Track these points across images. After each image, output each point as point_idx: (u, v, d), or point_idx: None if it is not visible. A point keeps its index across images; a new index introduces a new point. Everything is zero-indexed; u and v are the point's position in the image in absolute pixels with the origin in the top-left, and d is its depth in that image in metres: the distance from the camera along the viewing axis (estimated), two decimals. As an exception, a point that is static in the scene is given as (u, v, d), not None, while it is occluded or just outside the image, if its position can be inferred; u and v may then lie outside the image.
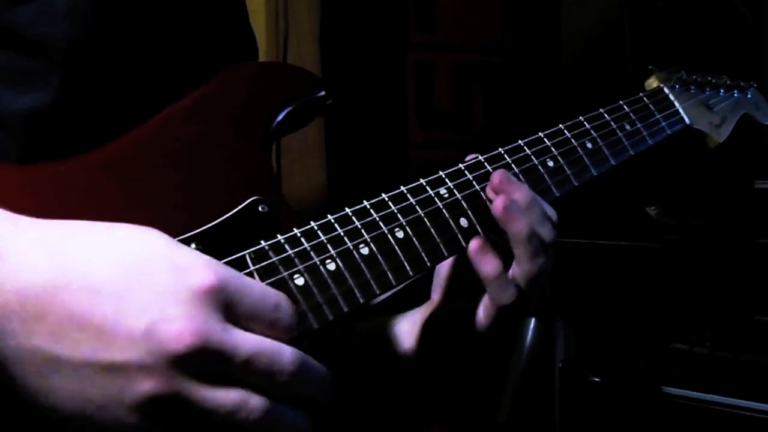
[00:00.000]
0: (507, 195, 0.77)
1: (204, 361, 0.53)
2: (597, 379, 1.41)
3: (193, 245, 0.67)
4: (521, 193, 0.77)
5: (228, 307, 0.56)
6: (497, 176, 0.78)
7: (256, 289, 0.58)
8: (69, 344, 0.52)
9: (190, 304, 0.54)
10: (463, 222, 0.78)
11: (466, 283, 0.79)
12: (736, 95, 1.14)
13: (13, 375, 0.53)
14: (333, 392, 0.61)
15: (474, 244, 0.76)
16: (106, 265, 0.54)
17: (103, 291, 0.53)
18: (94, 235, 0.57)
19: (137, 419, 0.53)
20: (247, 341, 0.55)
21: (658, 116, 0.99)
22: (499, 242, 0.77)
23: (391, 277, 0.72)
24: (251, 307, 0.57)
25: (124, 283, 0.54)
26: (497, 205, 0.76)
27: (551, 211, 0.80)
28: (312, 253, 0.69)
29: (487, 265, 0.76)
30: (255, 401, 0.55)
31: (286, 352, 0.56)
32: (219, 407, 0.54)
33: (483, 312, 0.78)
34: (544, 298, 0.81)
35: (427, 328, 0.85)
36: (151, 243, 0.57)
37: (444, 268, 0.83)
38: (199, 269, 0.55)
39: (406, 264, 0.73)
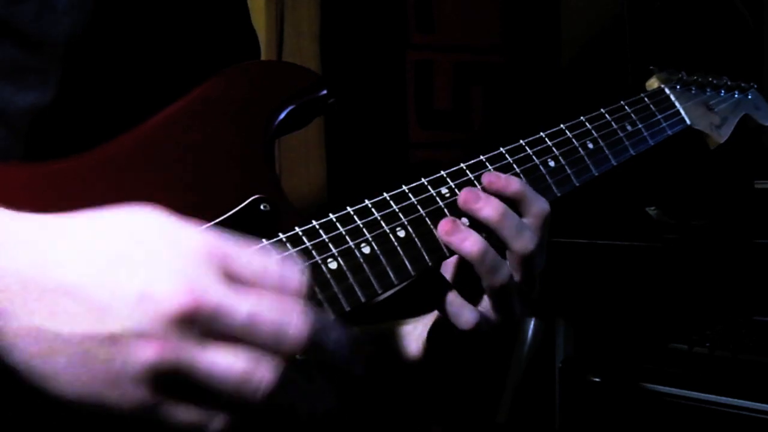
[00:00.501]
0: (474, 213, 0.76)
1: (203, 321, 0.51)
2: (597, 379, 1.41)
3: None
4: (489, 209, 0.76)
5: (226, 267, 0.54)
6: (462, 196, 0.77)
7: (252, 248, 0.56)
8: (67, 320, 0.51)
9: (184, 265, 0.52)
10: (465, 221, 0.78)
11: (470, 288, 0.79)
12: (736, 96, 1.14)
13: (17, 360, 0.52)
14: (363, 359, 0.57)
15: None
16: (100, 238, 0.54)
17: (97, 263, 0.52)
18: (92, 216, 0.56)
19: (145, 392, 0.51)
20: (247, 299, 0.53)
21: (659, 116, 0.99)
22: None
23: (392, 275, 0.73)
24: (251, 266, 0.54)
25: (118, 252, 0.53)
26: (439, 229, 0.75)
27: (538, 209, 0.78)
28: (313, 252, 0.69)
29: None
30: (266, 367, 0.52)
31: (293, 311, 0.53)
32: (227, 372, 0.51)
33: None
34: (536, 298, 0.80)
35: (433, 333, 0.85)
36: (144, 216, 0.55)
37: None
38: (192, 233, 0.54)
39: (407, 263, 0.74)
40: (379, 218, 0.74)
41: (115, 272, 0.52)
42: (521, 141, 0.85)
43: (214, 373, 0.51)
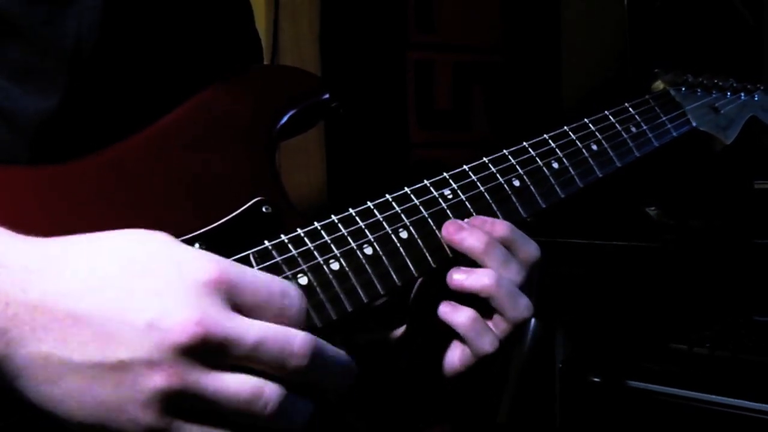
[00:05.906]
0: (456, 244, 0.75)
1: (211, 351, 0.53)
2: (597, 379, 1.41)
3: (197, 245, 0.67)
4: (474, 238, 0.75)
5: (232, 297, 0.55)
6: (444, 229, 0.76)
7: (260, 278, 0.57)
8: (76, 347, 0.52)
9: (193, 296, 0.53)
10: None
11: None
12: (743, 98, 1.13)
13: (26, 385, 0.53)
14: (353, 383, 0.59)
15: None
16: (108, 267, 0.54)
17: (106, 291, 0.53)
18: (96, 241, 0.56)
19: (154, 416, 0.52)
20: (253, 327, 0.54)
21: (664, 118, 0.99)
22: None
23: (394, 276, 0.73)
24: (256, 295, 0.56)
25: (126, 282, 0.54)
26: (449, 277, 0.75)
27: (526, 253, 0.77)
28: (315, 253, 0.69)
29: (460, 315, 0.75)
30: (271, 389, 0.54)
31: (296, 336, 0.55)
32: (235, 397, 0.53)
33: (458, 356, 0.78)
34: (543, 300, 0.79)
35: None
36: (152, 242, 0.56)
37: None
38: (201, 262, 0.55)
39: (409, 264, 0.74)
40: (381, 219, 0.74)
41: (123, 301, 0.53)
42: (525, 143, 0.85)
43: (223, 396, 0.53)
